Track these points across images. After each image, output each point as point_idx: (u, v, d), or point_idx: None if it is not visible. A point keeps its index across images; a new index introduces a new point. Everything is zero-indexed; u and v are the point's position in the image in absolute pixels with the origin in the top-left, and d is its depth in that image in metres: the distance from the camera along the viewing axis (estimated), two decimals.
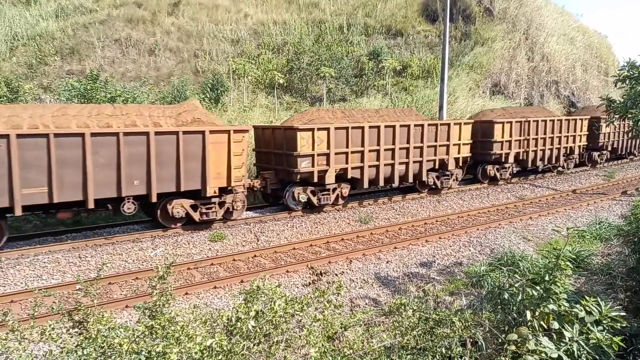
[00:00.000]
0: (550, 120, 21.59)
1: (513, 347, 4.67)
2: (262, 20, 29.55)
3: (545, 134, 21.38)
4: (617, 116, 10.92)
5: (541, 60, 33.45)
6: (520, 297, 5.41)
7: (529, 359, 4.34)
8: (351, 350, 4.69)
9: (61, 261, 10.44)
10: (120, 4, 26.41)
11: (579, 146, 23.38)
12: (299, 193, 14.54)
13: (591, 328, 4.72)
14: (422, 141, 16.91)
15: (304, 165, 14.18)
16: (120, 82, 21.93)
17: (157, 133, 11.56)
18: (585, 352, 4.56)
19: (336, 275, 9.89)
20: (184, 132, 11.91)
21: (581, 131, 23.28)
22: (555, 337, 4.81)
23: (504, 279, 6.77)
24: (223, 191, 12.92)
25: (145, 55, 24.89)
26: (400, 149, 16.33)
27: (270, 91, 25.96)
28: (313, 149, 14.21)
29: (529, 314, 5.00)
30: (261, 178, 14.86)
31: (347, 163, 15.05)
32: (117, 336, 3.88)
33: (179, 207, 12.32)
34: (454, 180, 18.48)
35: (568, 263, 5.33)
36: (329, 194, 15.01)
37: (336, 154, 14.74)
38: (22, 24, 23.44)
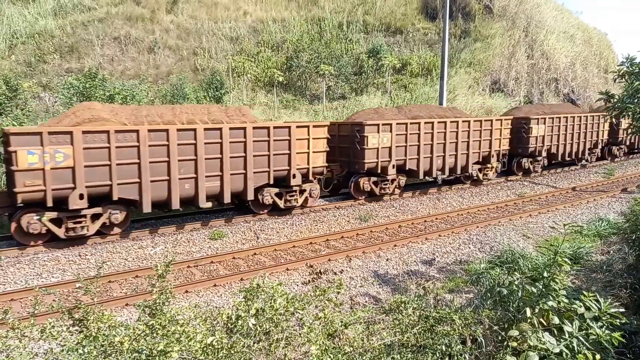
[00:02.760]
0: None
1: (514, 343, 4.67)
2: (261, 17, 29.51)
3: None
4: (616, 112, 10.91)
5: (541, 57, 33.44)
6: (519, 294, 5.41)
7: (531, 354, 4.35)
8: (351, 348, 4.70)
9: (61, 259, 10.45)
10: (119, 2, 26.36)
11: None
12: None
13: (591, 324, 4.73)
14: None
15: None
16: (119, 80, 21.89)
17: (274, 127, 13.65)
18: (585, 347, 4.57)
19: (335, 273, 9.89)
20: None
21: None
22: (555, 333, 4.82)
23: (503, 277, 6.78)
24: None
25: (145, 53, 24.85)
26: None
27: (269, 89, 25.94)
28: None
29: (528, 311, 5.01)
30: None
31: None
32: (117, 334, 3.88)
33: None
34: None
35: (566, 260, 5.34)
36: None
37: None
38: (21, 22, 23.39)
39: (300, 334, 4.36)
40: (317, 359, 4.08)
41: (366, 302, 8.79)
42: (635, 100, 9.84)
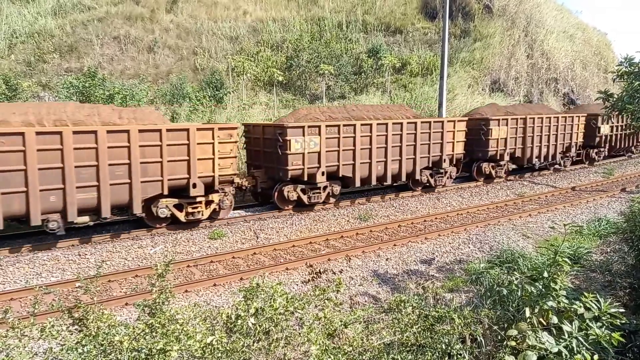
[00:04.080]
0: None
1: (513, 343, 4.68)
2: (261, 17, 29.49)
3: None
4: (615, 112, 10.93)
5: (540, 57, 33.44)
6: (519, 294, 5.42)
7: (529, 353, 4.35)
8: (351, 348, 4.70)
9: (60, 259, 10.44)
10: (118, 1, 26.34)
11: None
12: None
13: (590, 324, 4.73)
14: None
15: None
16: (118, 80, 21.88)
17: (168, 130, 12.30)
18: (584, 348, 4.58)
19: (335, 273, 9.89)
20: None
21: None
22: (554, 333, 4.82)
23: (503, 276, 6.79)
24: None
25: (144, 52, 24.84)
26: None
27: (269, 89, 25.93)
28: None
29: (528, 311, 5.01)
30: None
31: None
32: (117, 334, 3.89)
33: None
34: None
35: (566, 260, 5.34)
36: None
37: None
38: (20, 22, 23.37)
39: (300, 333, 4.36)
40: (317, 359, 4.08)
41: (366, 301, 8.79)
42: (635, 100, 9.85)
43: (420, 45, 31.35)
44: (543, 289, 5.14)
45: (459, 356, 5.20)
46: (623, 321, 4.93)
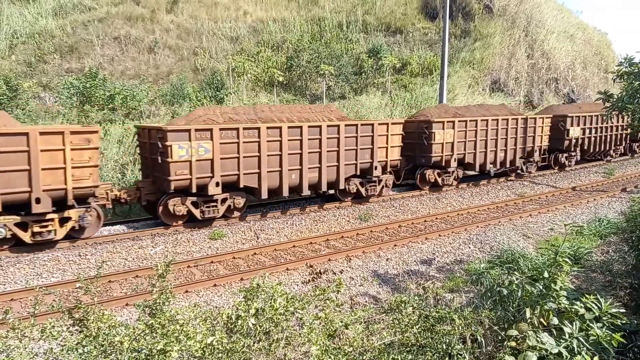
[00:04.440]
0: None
1: (513, 343, 4.67)
2: (261, 17, 29.52)
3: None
4: (615, 112, 10.93)
5: (541, 57, 33.44)
6: (519, 294, 5.41)
7: (529, 354, 4.35)
8: (351, 348, 4.70)
9: (61, 259, 10.45)
10: (119, 2, 26.38)
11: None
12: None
13: (591, 325, 4.73)
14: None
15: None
16: (119, 80, 21.91)
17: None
18: (585, 348, 4.57)
19: (335, 273, 9.90)
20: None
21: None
22: (555, 333, 4.82)
23: (503, 276, 6.79)
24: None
25: (145, 53, 24.86)
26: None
27: (270, 89, 25.94)
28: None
29: (528, 312, 5.01)
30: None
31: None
32: (117, 334, 3.89)
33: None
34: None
35: (567, 260, 5.34)
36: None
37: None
38: (21, 22, 23.40)
39: (300, 333, 4.36)
40: (317, 359, 4.08)
41: (366, 301, 8.79)
42: (635, 101, 9.84)
43: (421, 45, 31.37)
44: (543, 289, 5.14)
45: (459, 356, 5.20)
46: (624, 321, 4.93)
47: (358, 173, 15.39)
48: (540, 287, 5.19)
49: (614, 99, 10.10)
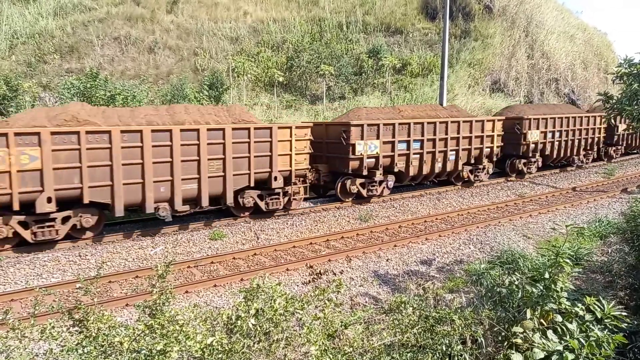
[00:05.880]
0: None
1: (519, 340, 4.68)
2: (261, 18, 29.53)
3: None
4: (614, 113, 10.94)
5: (541, 57, 33.44)
6: (519, 295, 5.41)
7: (536, 350, 4.36)
8: (351, 348, 4.70)
9: (61, 260, 10.45)
10: (119, 2, 26.39)
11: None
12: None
13: (591, 326, 4.73)
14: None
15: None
16: (119, 81, 21.90)
17: None
18: (585, 349, 4.58)
19: (335, 274, 9.90)
20: None
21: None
22: (560, 331, 4.83)
23: (503, 277, 6.79)
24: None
25: (145, 53, 24.87)
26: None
27: (270, 89, 25.94)
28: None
29: (528, 312, 5.01)
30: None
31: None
32: (117, 335, 3.89)
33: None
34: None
35: (567, 261, 5.34)
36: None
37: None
38: (21, 22, 23.42)
39: (300, 334, 4.36)
40: (317, 359, 4.08)
41: (366, 302, 8.79)
42: (634, 102, 9.85)
43: (421, 45, 31.37)
44: (544, 290, 5.14)
45: (459, 357, 5.20)
46: (626, 324, 4.94)
47: (251, 184, 13.39)
48: (541, 287, 5.19)
49: (614, 101, 10.11)
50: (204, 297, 8.87)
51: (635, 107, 9.98)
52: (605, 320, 4.83)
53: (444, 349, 5.25)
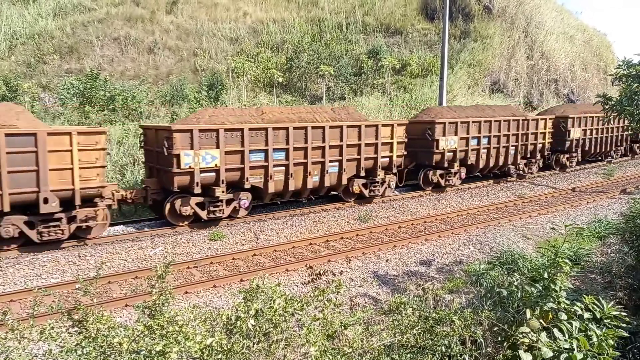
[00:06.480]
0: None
1: (527, 340, 4.68)
2: (261, 18, 29.54)
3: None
4: (614, 114, 10.93)
5: (540, 58, 33.47)
6: (519, 295, 5.42)
7: (544, 349, 4.37)
8: (351, 349, 4.69)
9: (60, 260, 10.44)
10: (118, 3, 26.39)
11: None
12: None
13: (590, 326, 4.74)
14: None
15: None
16: (119, 81, 21.90)
17: None
18: (585, 348, 4.58)
19: (335, 274, 9.88)
20: None
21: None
22: (564, 329, 4.84)
23: (503, 277, 6.79)
24: None
25: (144, 53, 24.87)
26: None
27: (269, 90, 25.95)
28: None
29: (528, 312, 5.01)
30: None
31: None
32: (116, 335, 3.88)
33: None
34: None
35: (566, 261, 5.34)
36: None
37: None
38: (20, 23, 23.41)
39: (299, 334, 4.36)
40: None
41: (366, 302, 8.78)
42: (633, 103, 9.85)
43: (420, 46, 31.38)
44: (543, 290, 5.15)
45: (459, 358, 5.20)
46: (626, 323, 4.94)
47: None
48: (540, 287, 5.20)
49: (613, 102, 10.11)
50: (203, 298, 8.86)
51: (635, 107, 9.98)
52: (605, 320, 4.83)
53: (444, 349, 5.25)
